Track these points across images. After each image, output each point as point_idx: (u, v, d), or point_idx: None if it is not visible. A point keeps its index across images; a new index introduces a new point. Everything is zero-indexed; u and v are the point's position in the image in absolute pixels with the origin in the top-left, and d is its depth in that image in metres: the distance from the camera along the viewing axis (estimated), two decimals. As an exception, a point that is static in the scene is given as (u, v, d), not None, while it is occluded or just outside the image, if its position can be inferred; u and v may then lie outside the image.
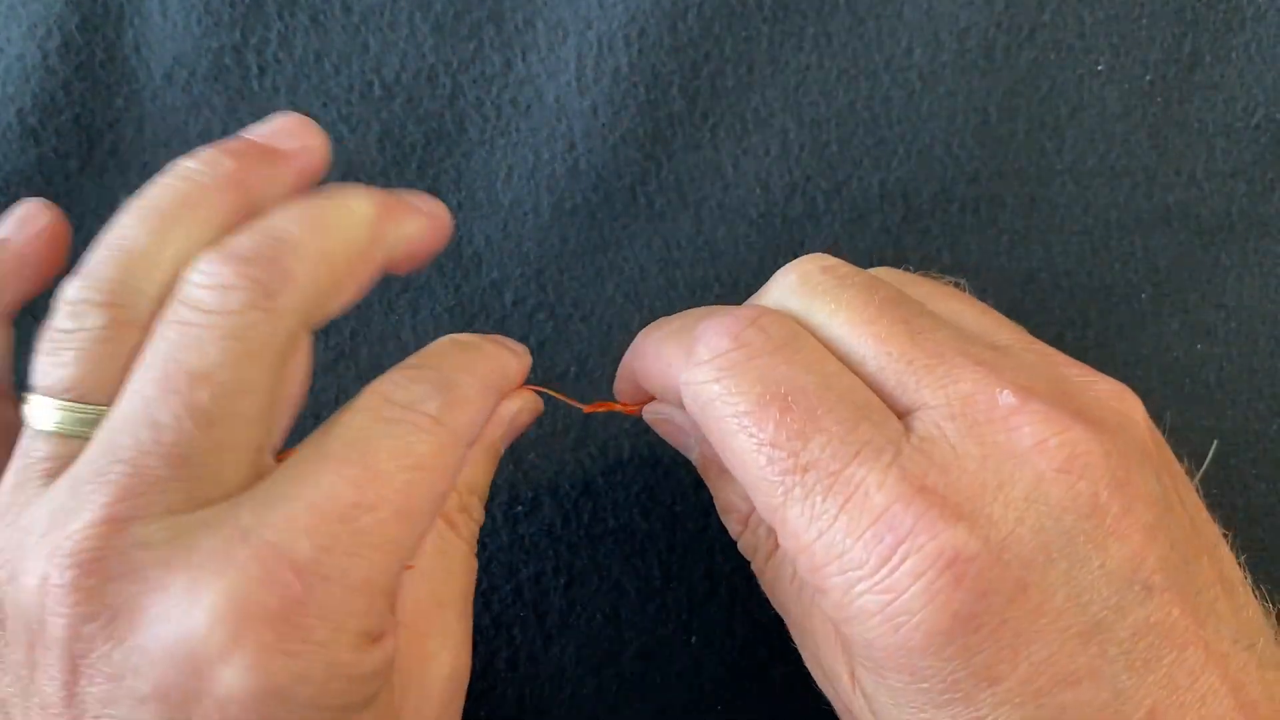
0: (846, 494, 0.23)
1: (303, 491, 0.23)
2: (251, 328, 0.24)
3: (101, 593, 0.22)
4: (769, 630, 0.36)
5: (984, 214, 0.39)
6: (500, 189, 0.39)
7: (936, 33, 0.39)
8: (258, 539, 0.22)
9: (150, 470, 0.23)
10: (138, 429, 0.23)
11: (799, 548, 0.24)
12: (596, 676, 0.36)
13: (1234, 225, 0.39)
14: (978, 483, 0.23)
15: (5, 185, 0.38)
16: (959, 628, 0.22)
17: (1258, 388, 0.38)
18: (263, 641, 0.21)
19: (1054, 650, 0.22)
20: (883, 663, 0.23)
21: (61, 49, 0.38)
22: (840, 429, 0.24)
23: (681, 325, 0.28)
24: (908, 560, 0.22)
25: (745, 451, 0.24)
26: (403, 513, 0.24)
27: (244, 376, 0.24)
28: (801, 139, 0.39)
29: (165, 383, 0.23)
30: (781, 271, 0.29)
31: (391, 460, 0.24)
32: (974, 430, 0.23)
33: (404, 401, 0.26)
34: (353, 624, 0.23)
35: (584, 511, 0.37)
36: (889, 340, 0.26)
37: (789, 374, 0.25)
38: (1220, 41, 0.40)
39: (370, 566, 0.23)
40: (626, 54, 0.39)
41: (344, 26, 0.39)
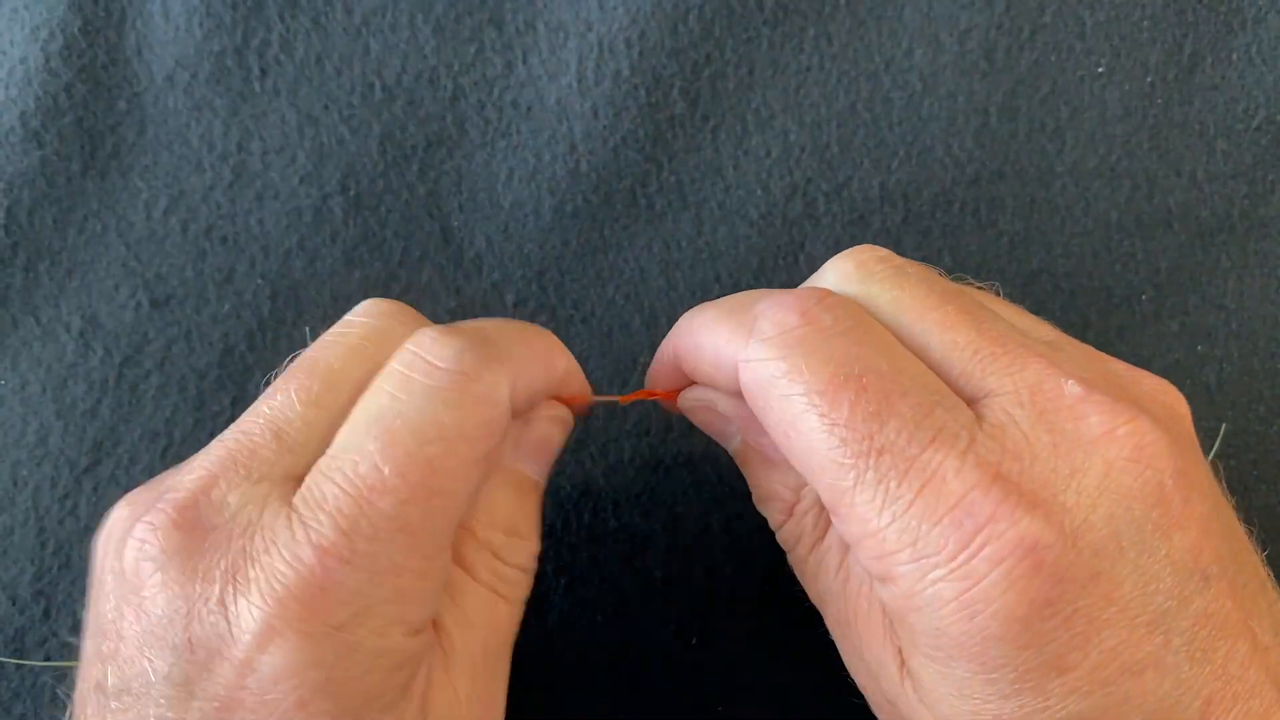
0: (923, 479, 0.23)
1: (331, 470, 0.24)
2: (374, 339, 0.27)
3: (167, 538, 0.23)
4: (770, 631, 0.36)
5: (984, 215, 0.39)
6: (501, 191, 0.39)
7: (937, 34, 0.39)
8: (296, 518, 0.23)
9: (255, 439, 0.25)
10: (257, 408, 0.26)
11: (866, 533, 0.23)
12: (597, 677, 0.36)
13: (1234, 227, 0.39)
14: (1050, 470, 0.23)
15: (8, 188, 0.38)
16: (1035, 615, 0.22)
17: (1258, 389, 0.38)
18: (289, 623, 0.22)
19: (1122, 639, 0.22)
20: (952, 652, 0.23)
21: (64, 52, 0.38)
22: (915, 413, 0.23)
23: (735, 305, 0.27)
24: (987, 547, 0.22)
25: (814, 432, 0.24)
26: (429, 490, 0.24)
27: (350, 371, 0.26)
28: (802, 140, 0.39)
29: (283, 375, 0.26)
30: (835, 259, 0.28)
31: (412, 434, 0.24)
32: (1044, 418, 0.23)
33: (436, 359, 0.25)
34: (384, 610, 0.23)
35: (585, 512, 0.37)
36: (955, 328, 0.25)
37: (862, 354, 0.24)
38: (1221, 43, 0.40)
39: (397, 550, 0.23)
40: (627, 56, 0.39)
41: (345, 29, 0.39)
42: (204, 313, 0.38)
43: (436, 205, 0.39)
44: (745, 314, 0.26)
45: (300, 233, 0.38)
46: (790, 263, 0.39)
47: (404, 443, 0.24)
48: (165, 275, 0.38)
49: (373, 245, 0.38)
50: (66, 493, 0.36)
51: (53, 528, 0.36)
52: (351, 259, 0.38)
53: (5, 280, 0.38)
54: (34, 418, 0.37)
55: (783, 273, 0.38)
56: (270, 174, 0.38)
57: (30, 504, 0.36)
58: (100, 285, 0.38)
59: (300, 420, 0.25)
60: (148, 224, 0.38)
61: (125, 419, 0.37)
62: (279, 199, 0.38)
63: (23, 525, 0.36)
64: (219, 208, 0.38)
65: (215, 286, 0.38)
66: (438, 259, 0.38)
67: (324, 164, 0.39)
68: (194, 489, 0.24)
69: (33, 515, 0.36)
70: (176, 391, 0.37)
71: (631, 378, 0.38)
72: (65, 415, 0.37)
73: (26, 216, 0.38)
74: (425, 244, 0.38)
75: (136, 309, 0.38)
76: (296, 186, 0.38)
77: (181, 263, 0.38)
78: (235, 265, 0.38)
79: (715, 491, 0.37)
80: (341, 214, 0.38)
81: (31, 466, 0.36)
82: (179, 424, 0.37)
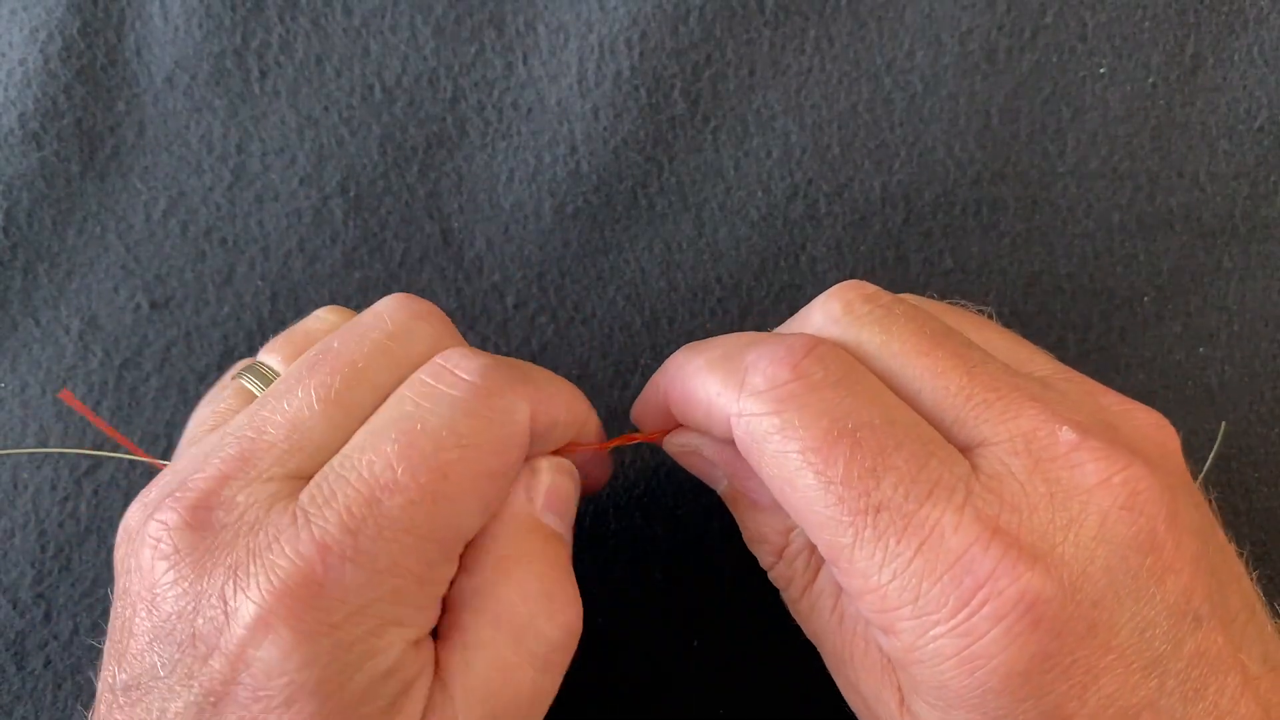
0: (922, 536, 0.23)
1: (344, 469, 0.24)
2: (401, 340, 0.27)
3: (180, 538, 0.24)
4: (771, 633, 0.36)
5: (986, 217, 0.39)
6: (501, 192, 0.39)
7: (938, 35, 0.39)
8: (302, 516, 0.23)
9: (268, 437, 0.25)
10: (275, 403, 0.26)
11: (867, 588, 0.23)
12: (598, 679, 0.36)
13: (1237, 228, 0.39)
14: (1048, 521, 0.23)
15: (8, 189, 0.38)
16: (1035, 669, 0.22)
17: (1260, 391, 0.38)
18: (284, 619, 0.22)
19: (1119, 685, 0.22)
20: (953, 702, 0.23)
21: (63, 53, 0.38)
22: (911, 466, 0.23)
23: (725, 352, 0.27)
24: (987, 605, 0.22)
25: (810, 490, 0.24)
26: (439, 495, 0.24)
27: (375, 371, 0.26)
28: (803, 141, 0.39)
29: (302, 365, 0.26)
30: (821, 299, 0.28)
31: (429, 439, 0.24)
32: (1039, 467, 0.23)
33: (461, 370, 0.26)
34: (380, 610, 0.23)
35: (585, 515, 0.37)
36: (945, 374, 0.25)
37: (854, 408, 0.24)
38: (1223, 44, 0.40)
39: (401, 550, 0.23)
40: (628, 57, 0.39)
41: (345, 30, 0.39)
42: (204, 314, 0.38)
43: (437, 206, 0.39)
44: (736, 362, 0.26)
45: (300, 234, 0.38)
46: (791, 264, 0.38)
47: (420, 446, 0.24)
48: (165, 277, 0.38)
49: (373, 247, 0.38)
50: (66, 495, 0.36)
51: (53, 530, 0.36)
52: (351, 260, 0.38)
53: (4, 282, 0.37)
54: (33, 420, 0.37)
55: (784, 274, 0.38)
56: (270, 175, 0.38)
57: (30, 507, 0.36)
58: (100, 287, 0.38)
59: (316, 418, 0.25)
60: (147, 225, 0.38)
61: (125, 421, 0.37)
62: (279, 200, 0.38)
63: (23, 528, 0.36)
64: (218, 209, 0.38)
65: (215, 288, 0.38)
66: (438, 260, 0.38)
67: (324, 165, 0.38)
68: (206, 488, 0.24)
69: (33, 518, 0.36)
70: (176, 393, 0.37)
71: (632, 379, 0.38)
72: (65, 417, 0.37)
73: (26, 218, 0.38)
74: (425, 245, 0.38)
75: (136, 311, 0.37)
76: (296, 188, 0.38)
77: (181, 264, 0.38)
78: (235, 267, 0.38)
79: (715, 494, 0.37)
80: (341, 215, 0.38)
81: (31, 469, 0.36)
82: (179, 426, 0.37)
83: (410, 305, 0.28)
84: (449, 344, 0.28)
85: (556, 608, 0.27)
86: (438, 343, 0.28)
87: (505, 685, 0.26)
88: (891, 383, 0.26)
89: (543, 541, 0.27)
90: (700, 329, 0.38)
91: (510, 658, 0.26)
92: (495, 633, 0.26)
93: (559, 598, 0.27)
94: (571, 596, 0.27)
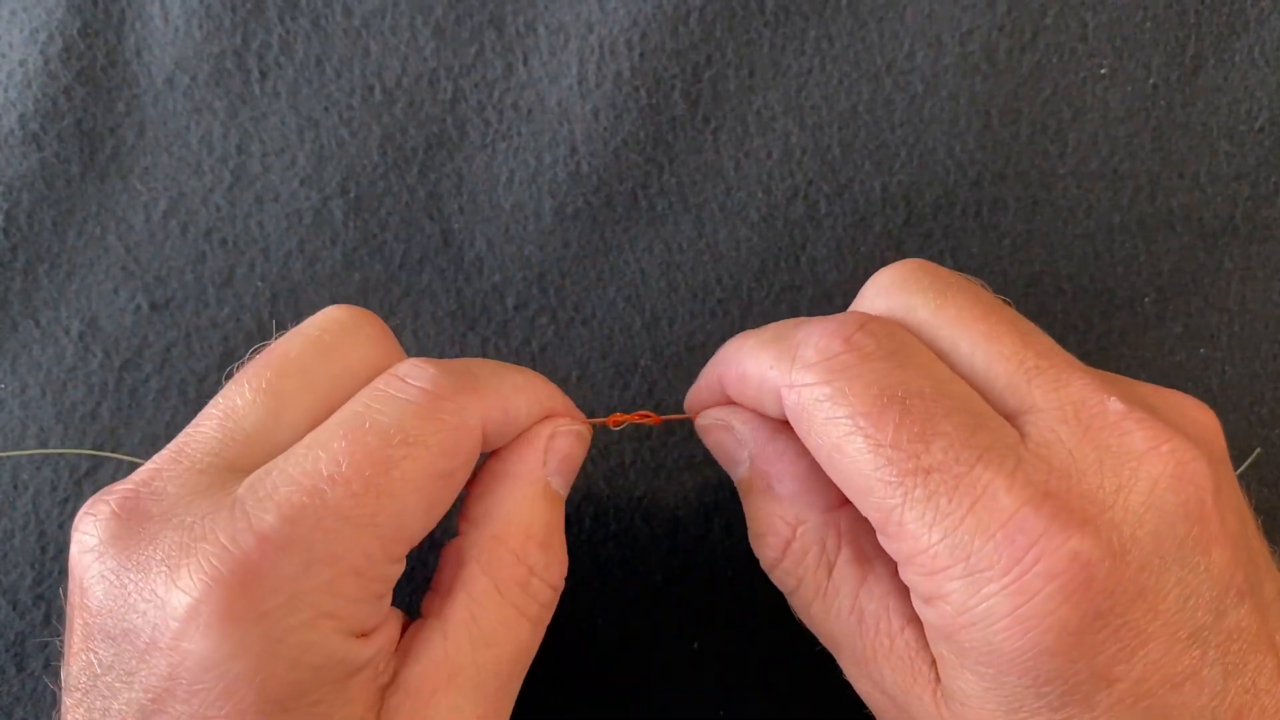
0: (974, 496, 0.23)
1: (289, 465, 0.24)
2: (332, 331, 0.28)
3: (105, 528, 0.24)
4: (771, 635, 0.36)
5: (986, 217, 0.39)
6: (502, 193, 0.39)
7: (939, 36, 0.39)
8: (239, 507, 0.23)
9: (201, 429, 0.25)
10: (212, 401, 0.26)
11: (917, 549, 0.24)
12: (598, 680, 0.36)
13: (1237, 229, 0.39)
14: (1097, 486, 0.23)
15: (8, 190, 0.38)
16: (1086, 628, 0.22)
17: (1260, 391, 0.38)
18: (214, 607, 0.22)
19: (1165, 652, 0.22)
20: (1004, 666, 0.23)
21: (63, 54, 0.38)
22: (960, 433, 0.24)
23: (778, 333, 0.28)
24: (1040, 562, 0.22)
25: (860, 454, 0.24)
26: (382, 490, 0.24)
27: (307, 362, 0.26)
28: (803, 142, 0.39)
29: (244, 367, 0.27)
30: (877, 274, 0.29)
31: (377, 435, 0.24)
32: (1089, 434, 0.24)
33: (411, 378, 0.26)
34: (313, 600, 0.23)
35: (585, 516, 0.37)
36: (1000, 339, 0.26)
37: (905, 378, 0.25)
38: (1223, 45, 0.40)
39: (339, 541, 0.23)
40: (628, 58, 0.39)
41: (345, 31, 0.39)
42: (204, 315, 0.38)
43: (437, 207, 0.39)
44: (788, 341, 0.27)
45: (300, 235, 0.38)
46: (792, 264, 0.38)
47: (367, 441, 0.24)
48: (165, 278, 0.38)
49: (373, 248, 0.38)
50: (66, 496, 0.36)
51: (53, 532, 0.36)
52: (351, 261, 0.38)
53: (5, 283, 0.37)
54: (33, 421, 0.37)
55: (784, 274, 0.38)
56: (270, 176, 0.38)
57: (30, 508, 0.36)
58: (100, 288, 0.38)
59: (249, 407, 0.26)
60: (147, 226, 0.38)
61: (125, 422, 0.37)
62: (279, 201, 0.38)
63: (23, 529, 0.36)
64: (218, 210, 0.38)
65: (215, 289, 0.38)
66: (438, 261, 0.38)
67: (324, 166, 0.38)
68: (137, 480, 0.25)
69: (33, 519, 0.36)
70: (176, 394, 0.37)
71: (632, 380, 0.38)
72: (65, 418, 0.37)
73: (26, 219, 0.38)
74: (425, 246, 0.38)
75: (136, 312, 0.37)
76: (296, 189, 0.38)
77: (181, 265, 0.38)
78: (235, 268, 0.38)
79: (716, 495, 0.37)
80: (341, 216, 0.38)
81: (31, 470, 0.36)
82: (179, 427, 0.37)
83: (348, 310, 0.28)
84: (387, 347, 0.28)
85: (553, 568, 0.28)
86: (375, 345, 0.28)
87: (507, 638, 0.27)
88: (943, 350, 0.26)
89: (549, 504, 0.28)
90: (700, 329, 0.38)
91: (510, 612, 0.27)
92: (498, 588, 0.27)
93: (556, 558, 0.28)
94: (564, 557, 0.29)
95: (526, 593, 0.27)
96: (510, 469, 0.28)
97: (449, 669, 0.26)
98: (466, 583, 0.27)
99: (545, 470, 0.29)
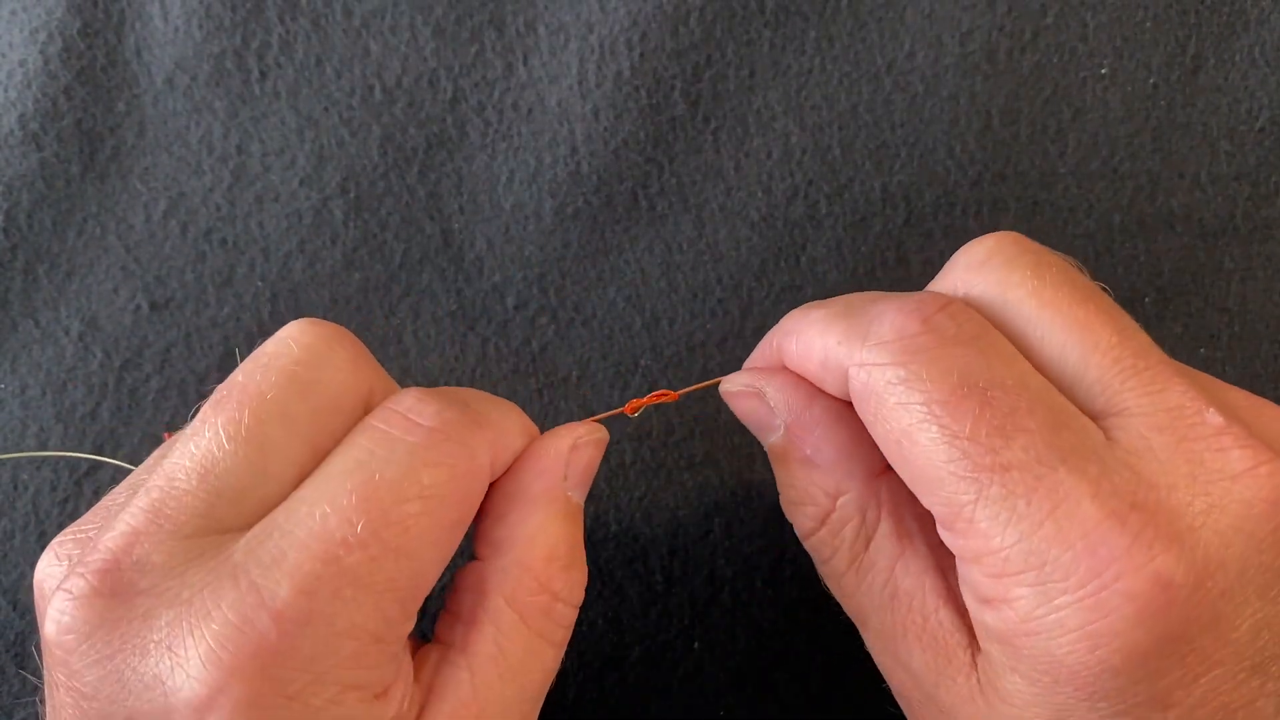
0: (1054, 501, 0.22)
1: (293, 525, 0.22)
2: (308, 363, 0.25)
3: (88, 609, 0.21)
4: (772, 635, 0.36)
5: (986, 217, 0.39)
6: (502, 193, 0.39)
7: (939, 36, 0.39)
8: (245, 578, 0.21)
9: (179, 485, 0.23)
10: (184, 447, 0.24)
11: (986, 550, 0.22)
12: (599, 682, 0.36)
13: (1238, 229, 0.39)
14: (1187, 503, 0.22)
15: (8, 190, 0.38)
16: (1155, 651, 0.21)
17: (1260, 392, 0.38)
18: (236, 696, 0.20)
19: (1226, 681, 0.22)
20: (1061, 677, 0.22)
21: (63, 54, 0.38)
22: (1044, 431, 0.22)
23: (849, 306, 0.26)
24: (1121, 580, 0.21)
25: (933, 444, 0.23)
26: (400, 551, 0.22)
27: (287, 403, 0.24)
28: (803, 142, 0.39)
29: (209, 404, 0.24)
30: (972, 244, 0.27)
31: (390, 491, 0.23)
32: (1182, 446, 0.22)
33: (414, 415, 0.24)
34: (339, 675, 0.22)
35: (586, 516, 0.37)
36: (1096, 330, 0.24)
37: (986, 367, 0.23)
38: (1224, 45, 0.40)
39: (359, 611, 0.22)
40: (628, 58, 0.39)
41: (345, 30, 0.39)
42: (204, 315, 0.38)
43: (437, 207, 0.38)
44: (860, 316, 0.25)
45: (300, 235, 0.38)
46: (791, 264, 0.38)
47: (381, 498, 0.22)
48: (165, 278, 0.38)
49: (373, 248, 0.38)
50: (66, 496, 0.36)
51: (53, 532, 0.36)
52: (351, 261, 0.38)
53: (4, 283, 0.37)
54: (33, 421, 0.37)
55: (784, 274, 0.38)
56: (270, 176, 0.38)
57: (30, 508, 0.36)
58: (100, 288, 0.38)
59: (230, 459, 0.23)
60: (147, 226, 0.38)
61: (125, 422, 0.37)
62: (279, 201, 0.38)
63: (23, 529, 0.36)
64: (219, 210, 0.38)
65: (215, 289, 0.38)
66: (438, 261, 0.38)
67: (324, 166, 0.38)
68: (115, 549, 0.22)
69: (33, 519, 0.36)
70: (176, 395, 0.37)
71: (633, 380, 0.38)
72: (65, 418, 0.37)
73: (26, 219, 0.38)
74: (426, 246, 0.38)
75: (136, 312, 0.37)
76: (296, 189, 0.38)
77: (181, 265, 0.38)
78: (235, 268, 0.38)
79: (717, 495, 0.37)
80: (341, 216, 0.38)
81: (31, 470, 0.36)
82: (179, 427, 0.37)
83: (317, 329, 0.26)
84: (367, 369, 0.26)
85: (577, 588, 0.27)
86: (355, 370, 0.26)
87: (534, 666, 0.26)
88: (1031, 335, 0.25)
89: (570, 521, 0.27)
90: (700, 329, 0.38)
91: (537, 642, 0.26)
92: (524, 620, 0.25)
93: (579, 577, 0.27)
94: (585, 571, 0.27)
95: (551, 619, 0.26)
96: (529, 489, 0.27)
97: (478, 707, 0.25)
98: (491, 614, 0.25)
99: (565, 485, 0.27)
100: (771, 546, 0.36)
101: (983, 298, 0.26)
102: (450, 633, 0.26)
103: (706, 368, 0.38)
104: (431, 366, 0.38)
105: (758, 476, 0.37)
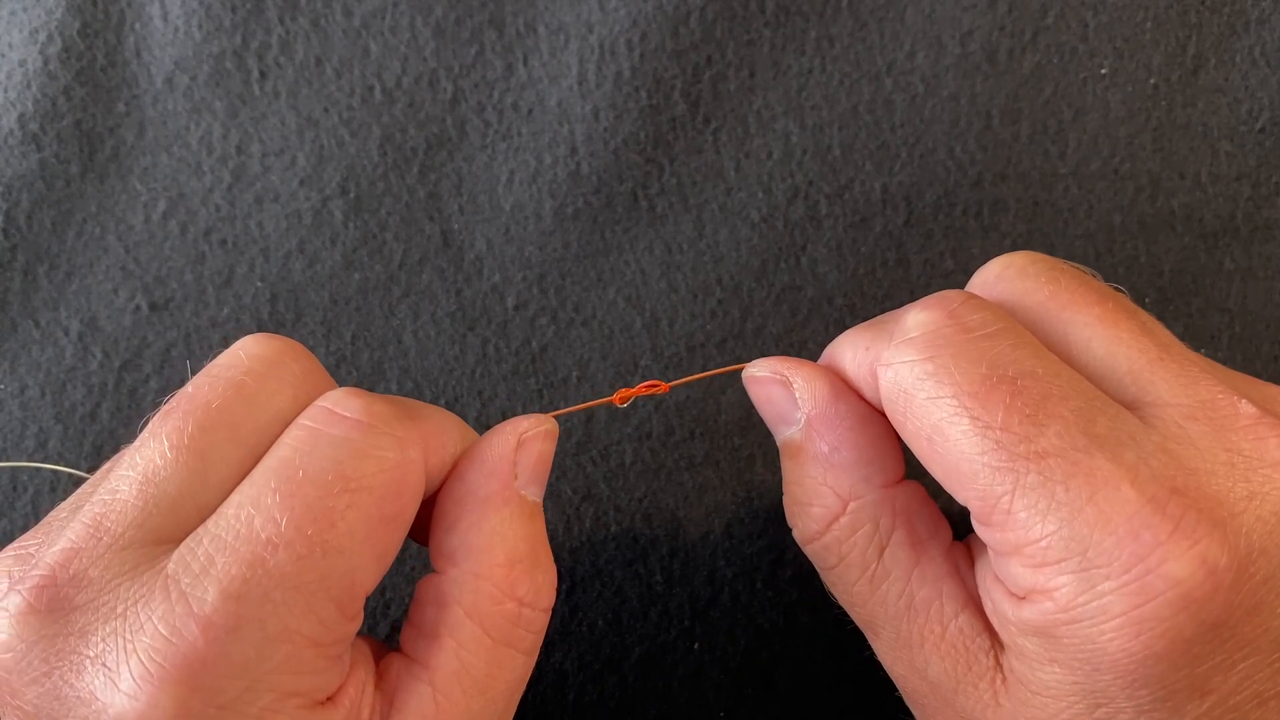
0: (1093, 485, 0.21)
1: (221, 529, 0.22)
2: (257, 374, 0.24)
3: (24, 626, 0.21)
4: (772, 635, 0.36)
5: (987, 218, 0.39)
6: (502, 193, 0.39)
7: (939, 36, 0.39)
8: (175, 588, 0.21)
9: (119, 496, 0.22)
10: (130, 458, 0.23)
11: (1026, 540, 0.22)
12: (599, 683, 0.36)
13: (1238, 229, 0.39)
14: (1227, 490, 0.22)
15: (7, 190, 0.38)
16: (1199, 637, 0.21)
17: (1262, 392, 0.38)
18: (166, 708, 0.20)
19: (1262, 669, 0.22)
20: (1102, 664, 0.22)
21: (62, 54, 0.38)
22: (1078, 418, 0.22)
23: (877, 319, 0.26)
24: (1166, 564, 0.21)
25: (965, 437, 0.22)
26: (329, 548, 0.22)
27: (232, 412, 0.23)
28: (803, 142, 0.39)
29: (156, 416, 0.24)
30: (989, 263, 0.27)
31: (314, 485, 0.22)
32: (1220, 435, 0.22)
33: (340, 408, 0.23)
34: (274, 681, 0.21)
35: (586, 517, 0.37)
36: (1119, 324, 0.24)
37: (1016, 356, 0.23)
38: (1224, 45, 0.40)
39: (291, 614, 0.21)
40: (628, 58, 0.39)
41: (345, 31, 0.39)
42: (203, 316, 0.38)
43: (437, 208, 0.38)
44: (887, 322, 0.25)
45: (300, 235, 0.38)
46: (792, 265, 0.38)
47: (304, 493, 0.22)
48: (164, 278, 0.38)
49: (373, 248, 0.38)
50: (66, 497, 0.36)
51: (52, 532, 0.36)
52: (351, 262, 0.38)
53: (4, 283, 0.37)
54: (33, 421, 0.37)
55: (784, 275, 0.38)
56: (270, 176, 0.38)
57: (30, 509, 0.36)
58: (99, 288, 0.38)
59: (170, 467, 0.23)
60: (147, 227, 0.38)
61: (125, 423, 0.37)
62: (278, 201, 0.38)
63: (22, 530, 0.36)
64: (218, 210, 0.38)
65: (214, 290, 0.38)
66: (438, 261, 0.38)
67: (324, 166, 0.38)
68: (53, 565, 0.22)
69: (32, 520, 0.36)
70: (176, 395, 0.37)
71: (633, 380, 0.38)
72: (64, 419, 0.37)
73: (25, 219, 0.38)
74: (425, 246, 0.38)
75: (135, 312, 0.37)
76: (296, 189, 0.38)
77: (181, 266, 0.38)
78: (235, 268, 0.38)
79: (717, 496, 0.37)
80: (341, 216, 0.38)
81: (31, 470, 0.36)
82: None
83: (270, 342, 0.25)
84: (317, 382, 0.25)
85: (544, 591, 0.26)
86: (304, 383, 0.25)
87: (501, 677, 0.25)
88: (1054, 335, 0.25)
89: (527, 521, 0.26)
90: (700, 330, 0.38)
91: (503, 652, 0.25)
92: (488, 632, 0.25)
93: (545, 579, 0.26)
94: (553, 572, 0.26)
95: (519, 626, 0.25)
96: (478, 490, 0.26)
97: (434, 707, 0.24)
98: (452, 629, 0.24)
99: (517, 484, 0.26)
100: (771, 547, 0.36)
101: (1003, 307, 0.26)
102: (413, 646, 0.25)
103: (706, 368, 0.38)
104: (431, 366, 0.38)
105: (758, 477, 0.37)
